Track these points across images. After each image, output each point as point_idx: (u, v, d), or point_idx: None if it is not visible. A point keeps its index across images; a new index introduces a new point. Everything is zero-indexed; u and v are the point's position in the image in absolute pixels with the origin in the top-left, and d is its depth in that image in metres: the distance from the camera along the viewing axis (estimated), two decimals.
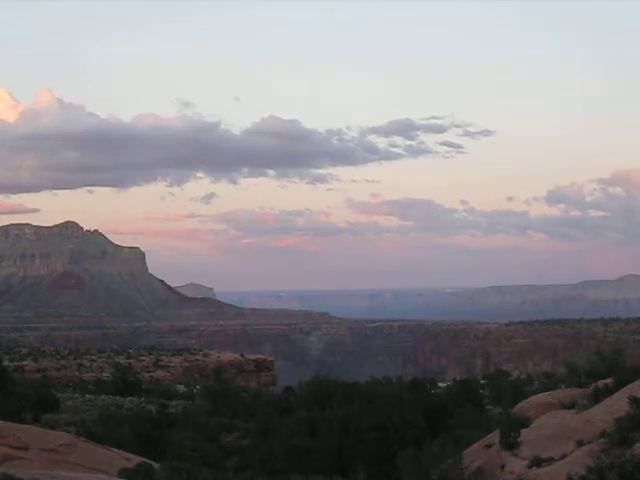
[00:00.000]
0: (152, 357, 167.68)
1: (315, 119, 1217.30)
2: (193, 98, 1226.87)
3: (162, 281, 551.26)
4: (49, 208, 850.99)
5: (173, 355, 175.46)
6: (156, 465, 26.14)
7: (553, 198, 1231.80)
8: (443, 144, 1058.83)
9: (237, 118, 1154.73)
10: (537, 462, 22.95)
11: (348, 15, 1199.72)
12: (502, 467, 24.19)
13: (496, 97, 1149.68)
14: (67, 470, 24.88)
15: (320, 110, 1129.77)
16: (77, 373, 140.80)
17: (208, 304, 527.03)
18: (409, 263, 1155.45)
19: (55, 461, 26.18)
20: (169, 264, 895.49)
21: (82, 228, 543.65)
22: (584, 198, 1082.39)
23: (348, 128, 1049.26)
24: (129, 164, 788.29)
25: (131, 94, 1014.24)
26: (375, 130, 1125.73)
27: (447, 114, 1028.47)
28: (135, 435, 40.23)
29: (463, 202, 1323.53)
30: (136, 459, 28.38)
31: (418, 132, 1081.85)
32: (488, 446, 26.59)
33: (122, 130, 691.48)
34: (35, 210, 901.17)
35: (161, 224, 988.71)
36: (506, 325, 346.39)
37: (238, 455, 35.73)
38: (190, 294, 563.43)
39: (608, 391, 26.37)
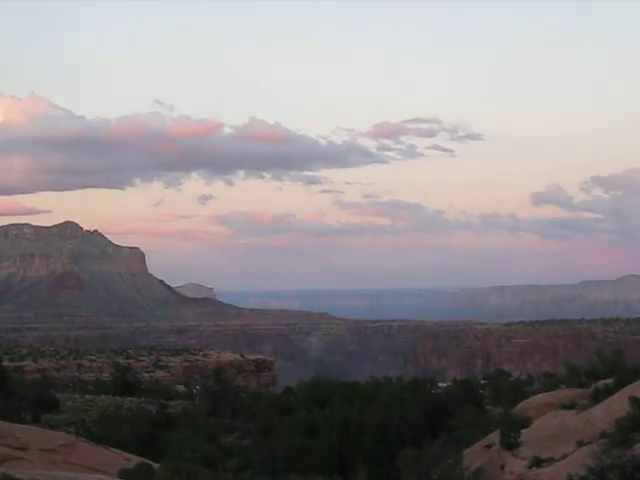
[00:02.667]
0: (152, 357, 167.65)
1: (305, 122, 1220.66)
2: (177, 100, 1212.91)
3: (162, 281, 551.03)
4: (47, 209, 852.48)
5: (173, 355, 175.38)
6: (156, 465, 26.11)
7: (543, 200, 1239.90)
8: (432, 148, 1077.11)
9: (225, 121, 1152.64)
10: (537, 462, 22.94)
11: (338, 16, 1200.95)
12: (502, 467, 24.18)
13: (485, 100, 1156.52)
14: (67, 470, 24.85)
15: (310, 112, 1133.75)
16: (77, 373, 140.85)
17: (208, 304, 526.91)
18: (408, 263, 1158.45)
19: (55, 461, 26.15)
20: (169, 264, 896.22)
21: (82, 228, 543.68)
22: (574, 200, 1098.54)
23: (336, 132, 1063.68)
24: (124, 166, 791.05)
25: (113, 96, 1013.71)
26: (366, 134, 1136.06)
27: (432, 117, 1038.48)
28: (135, 435, 40.21)
29: (456, 204, 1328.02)
30: (136, 459, 28.36)
31: (408, 136, 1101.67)
32: (488, 446, 26.58)
33: (113, 132, 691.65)
34: (34, 210, 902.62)
35: (160, 225, 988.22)
36: (506, 325, 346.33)
37: (238, 455, 35.69)
38: (190, 294, 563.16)
39: (608, 391, 26.35)
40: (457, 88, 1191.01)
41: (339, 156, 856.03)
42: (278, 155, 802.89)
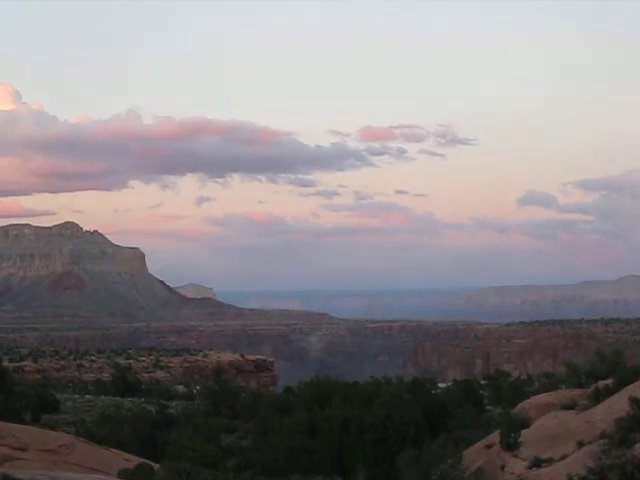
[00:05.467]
0: (152, 358, 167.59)
1: (297, 125, 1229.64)
2: (169, 102, 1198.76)
3: (162, 281, 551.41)
4: (47, 209, 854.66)
5: (173, 355, 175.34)
6: (156, 465, 26.12)
7: (536, 201, 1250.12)
8: (422, 152, 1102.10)
9: (218, 123, 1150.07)
10: (537, 463, 22.93)
11: (324, 19, 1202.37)
12: (502, 468, 24.17)
13: (474, 105, 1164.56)
14: (67, 471, 24.85)
15: (301, 115, 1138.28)
16: (77, 373, 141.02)
17: (208, 304, 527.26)
18: (408, 264, 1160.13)
19: (55, 462, 26.14)
20: (169, 264, 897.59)
21: (82, 228, 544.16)
22: (569, 201, 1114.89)
23: (328, 135, 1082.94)
24: (121, 168, 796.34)
25: (98, 97, 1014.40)
26: (357, 137, 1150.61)
27: (421, 122, 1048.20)
28: (135, 435, 40.21)
29: (450, 205, 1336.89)
30: (136, 459, 28.36)
31: (398, 140, 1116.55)
32: (488, 446, 26.56)
33: (106, 134, 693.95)
34: (34, 212, 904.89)
35: (159, 225, 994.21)
36: (506, 325, 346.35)
37: (238, 455, 35.68)
38: (190, 294, 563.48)
39: (608, 392, 26.32)
40: (447, 92, 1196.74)
41: (332, 159, 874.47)
42: (272, 158, 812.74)
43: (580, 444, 22.64)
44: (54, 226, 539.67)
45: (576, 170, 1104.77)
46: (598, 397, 26.35)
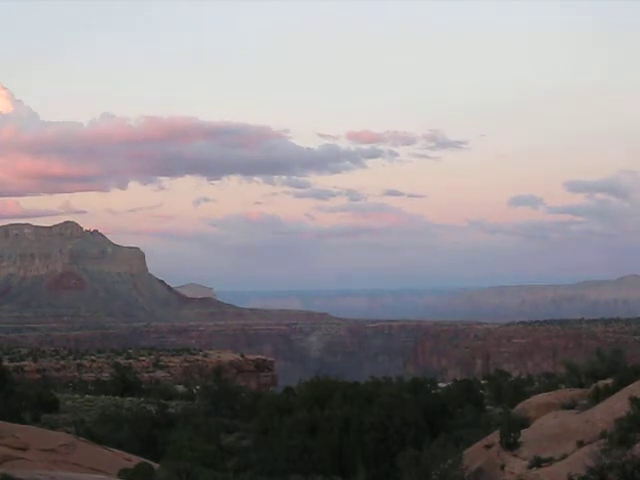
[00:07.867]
0: (152, 357, 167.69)
1: (287, 127, 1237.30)
2: (166, 104, 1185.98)
3: (162, 281, 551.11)
4: (47, 210, 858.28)
5: (173, 355, 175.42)
6: (156, 465, 26.13)
7: (533, 202, 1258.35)
8: (413, 155, 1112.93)
9: (214, 125, 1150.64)
10: (537, 462, 22.94)
11: (317, 21, 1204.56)
12: (502, 467, 24.18)
13: (467, 109, 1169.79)
14: (67, 470, 24.85)
15: (296, 118, 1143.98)
16: (77, 373, 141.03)
17: (208, 304, 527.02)
18: (408, 263, 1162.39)
19: (55, 461, 26.14)
20: (169, 264, 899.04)
21: (82, 228, 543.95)
22: (561, 203, 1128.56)
23: (323, 137, 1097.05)
24: (119, 169, 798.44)
25: (95, 98, 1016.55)
26: (352, 139, 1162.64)
27: (410, 126, 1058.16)
28: (135, 435, 40.21)
29: (449, 206, 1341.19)
30: (136, 459, 28.37)
31: (388, 142, 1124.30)
32: (488, 446, 26.56)
33: (104, 135, 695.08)
34: (34, 212, 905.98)
35: (159, 225, 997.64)
36: (506, 325, 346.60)
37: (238, 455, 35.67)
38: (190, 294, 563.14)
39: (608, 391, 26.32)
40: (437, 94, 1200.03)
41: (326, 161, 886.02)
42: (268, 160, 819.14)
43: (580, 444, 22.66)
44: (54, 226, 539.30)
45: (573, 170, 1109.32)
46: (598, 397, 26.35)
